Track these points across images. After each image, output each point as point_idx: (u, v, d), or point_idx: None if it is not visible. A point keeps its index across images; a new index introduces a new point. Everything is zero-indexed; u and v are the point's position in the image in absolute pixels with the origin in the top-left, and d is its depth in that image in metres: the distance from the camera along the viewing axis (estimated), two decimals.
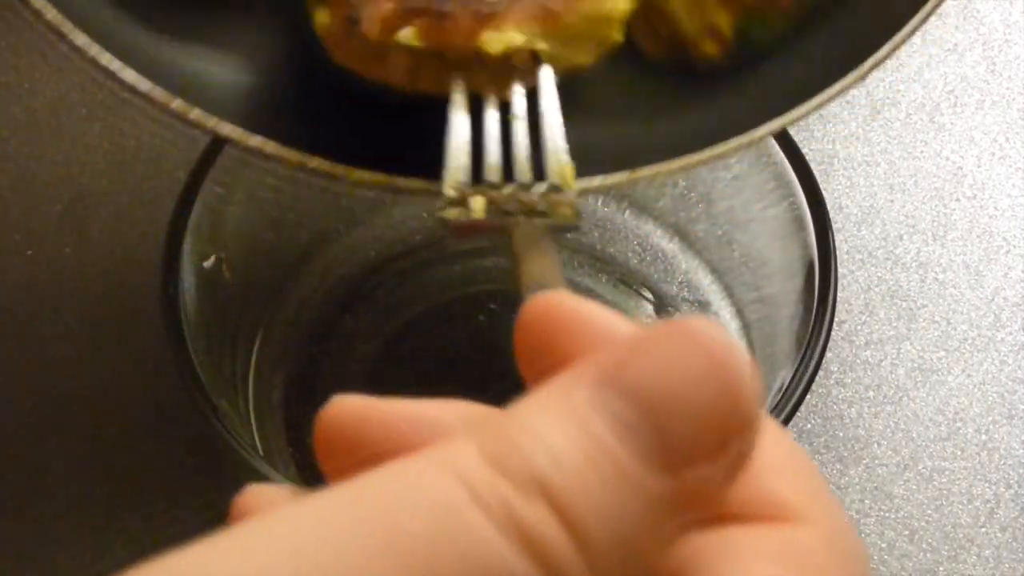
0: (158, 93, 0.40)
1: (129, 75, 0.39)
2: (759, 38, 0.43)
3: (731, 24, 0.43)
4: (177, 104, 0.40)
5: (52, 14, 0.38)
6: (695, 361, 0.23)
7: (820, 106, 0.42)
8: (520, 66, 0.40)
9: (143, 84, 0.39)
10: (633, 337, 0.24)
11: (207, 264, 0.50)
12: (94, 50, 0.39)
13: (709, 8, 0.43)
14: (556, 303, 0.27)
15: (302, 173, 0.41)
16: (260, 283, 0.55)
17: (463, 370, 0.56)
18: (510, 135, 0.39)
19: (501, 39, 0.39)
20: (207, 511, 0.55)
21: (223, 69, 0.43)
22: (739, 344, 0.23)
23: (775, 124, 0.42)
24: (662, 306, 0.58)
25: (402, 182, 0.41)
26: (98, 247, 0.62)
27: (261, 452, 0.51)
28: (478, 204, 0.38)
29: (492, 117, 0.39)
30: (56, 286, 0.61)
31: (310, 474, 0.54)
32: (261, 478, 0.45)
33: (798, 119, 0.42)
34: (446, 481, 0.22)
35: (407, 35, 0.39)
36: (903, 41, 0.41)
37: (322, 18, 0.41)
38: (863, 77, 0.41)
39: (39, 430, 0.58)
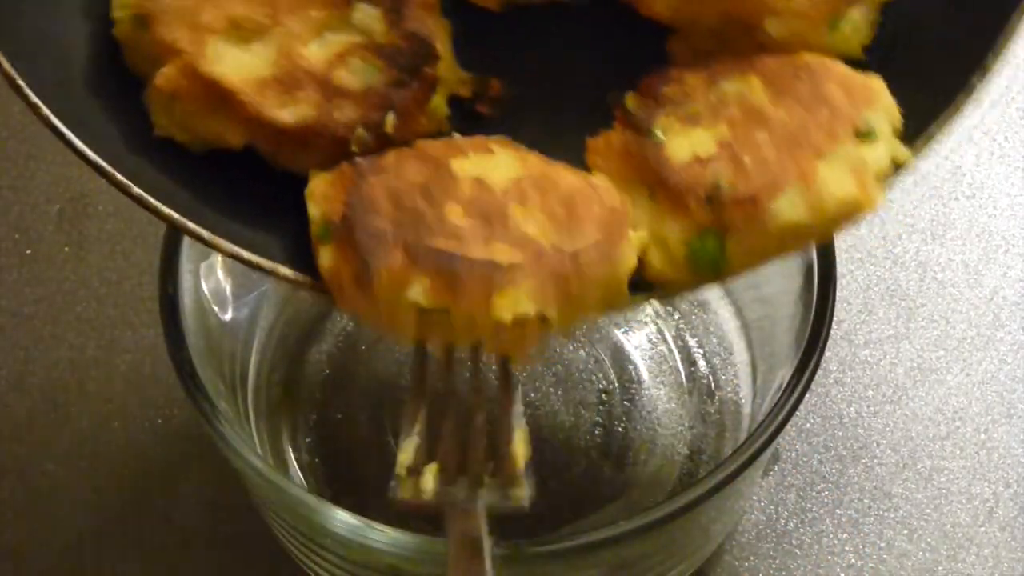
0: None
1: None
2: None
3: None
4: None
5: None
6: None
7: None
8: (527, 330, 0.38)
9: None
10: None
11: (206, 264, 0.50)
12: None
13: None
14: None
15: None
16: (259, 283, 0.55)
17: (463, 370, 0.56)
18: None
19: (513, 307, 0.37)
20: (207, 510, 0.55)
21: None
22: None
23: None
24: (662, 306, 0.58)
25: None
26: (97, 247, 0.62)
27: (261, 452, 0.51)
28: (430, 475, 0.39)
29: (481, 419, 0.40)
30: (56, 286, 0.61)
31: (309, 473, 0.54)
32: (261, 478, 0.45)
33: None
34: None
35: (416, 292, 0.37)
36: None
37: (326, 260, 0.38)
38: None
39: (39, 430, 0.58)
